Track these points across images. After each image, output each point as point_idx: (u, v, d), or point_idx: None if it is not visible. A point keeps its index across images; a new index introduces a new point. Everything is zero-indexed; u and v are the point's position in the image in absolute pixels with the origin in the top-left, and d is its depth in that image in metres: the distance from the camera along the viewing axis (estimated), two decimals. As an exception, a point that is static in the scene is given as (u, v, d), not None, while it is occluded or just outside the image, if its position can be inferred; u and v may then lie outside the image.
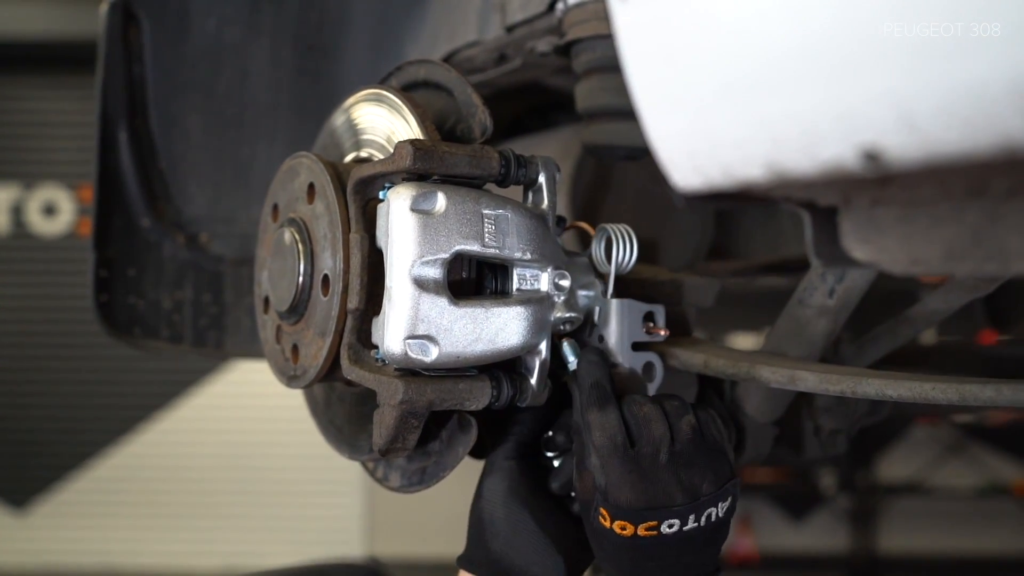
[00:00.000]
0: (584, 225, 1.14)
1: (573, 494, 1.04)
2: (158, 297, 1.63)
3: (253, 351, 1.68)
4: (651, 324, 1.11)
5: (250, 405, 6.55)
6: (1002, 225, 0.58)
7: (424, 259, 0.93)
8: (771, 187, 0.54)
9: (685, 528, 0.94)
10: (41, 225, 6.73)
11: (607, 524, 0.94)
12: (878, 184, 0.59)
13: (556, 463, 1.09)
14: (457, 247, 0.95)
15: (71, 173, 6.66)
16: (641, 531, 0.93)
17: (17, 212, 6.73)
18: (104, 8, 1.58)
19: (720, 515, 0.96)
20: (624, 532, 0.93)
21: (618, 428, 0.95)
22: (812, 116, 0.48)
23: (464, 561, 1.07)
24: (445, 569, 1.31)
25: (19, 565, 6.44)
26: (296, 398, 1.29)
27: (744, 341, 4.89)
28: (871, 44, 0.44)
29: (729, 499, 0.97)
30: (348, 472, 6.40)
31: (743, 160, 0.52)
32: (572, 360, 1.04)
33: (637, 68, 0.55)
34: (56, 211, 6.72)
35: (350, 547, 6.44)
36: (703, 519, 0.95)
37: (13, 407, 6.60)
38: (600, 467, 0.95)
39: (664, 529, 0.93)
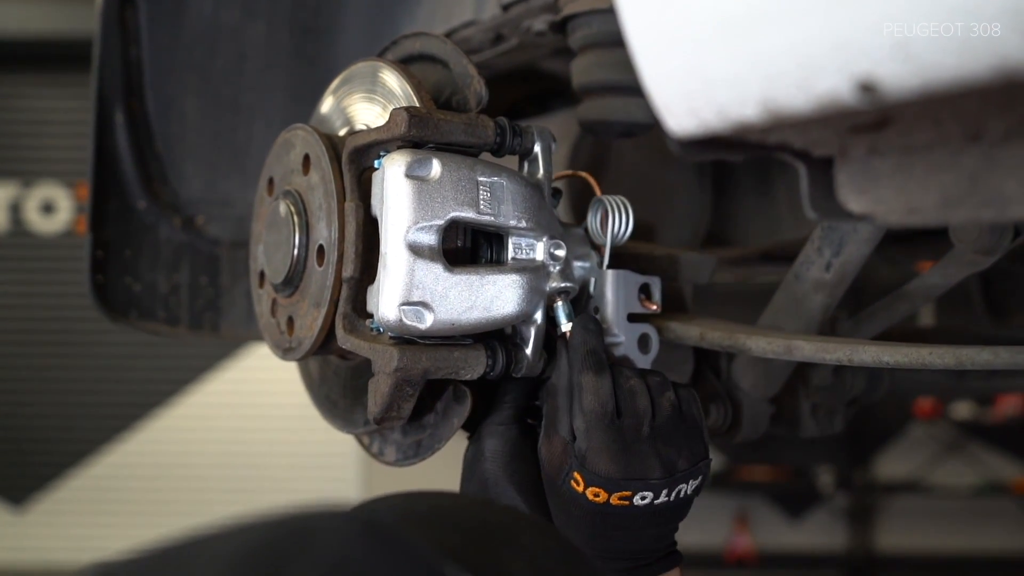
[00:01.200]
0: (586, 175, 1.13)
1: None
2: (154, 279, 1.63)
3: (249, 333, 1.68)
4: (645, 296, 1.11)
5: (248, 403, 6.55)
6: (999, 170, 0.57)
7: (419, 225, 0.93)
8: (766, 128, 0.53)
9: (656, 502, 0.94)
10: (39, 223, 6.73)
11: (579, 489, 0.94)
12: (874, 128, 0.58)
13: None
14: (452, 214, 0.94)
15: (69, 171, 6.66)
16: (614, 500, 0.93)
17: (15, 210, 6.73)
18: (101, -11, 1.58)
19: (689, 492, 0.97)
20: (596, 499, 0.93)
21: (610, 396, 0.95)
22: (807, 48, 0.47)
23: None
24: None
25: (17, 563, 6.43)
26: (294, 396, 1.29)
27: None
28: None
29: (700, 477, 0.98)
30: (346, 470, 6.40)
31: (738, 99, 0.52)
32: (564, 320, 1.02)
33: (631, 5, 0.55)
34: (54, 209, 6.72)
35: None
36: (674, 495, 0.95)
37: (11, 405, 6.60)
38: (584, 431, 0.95)
39: (636, 501, 0.93)
